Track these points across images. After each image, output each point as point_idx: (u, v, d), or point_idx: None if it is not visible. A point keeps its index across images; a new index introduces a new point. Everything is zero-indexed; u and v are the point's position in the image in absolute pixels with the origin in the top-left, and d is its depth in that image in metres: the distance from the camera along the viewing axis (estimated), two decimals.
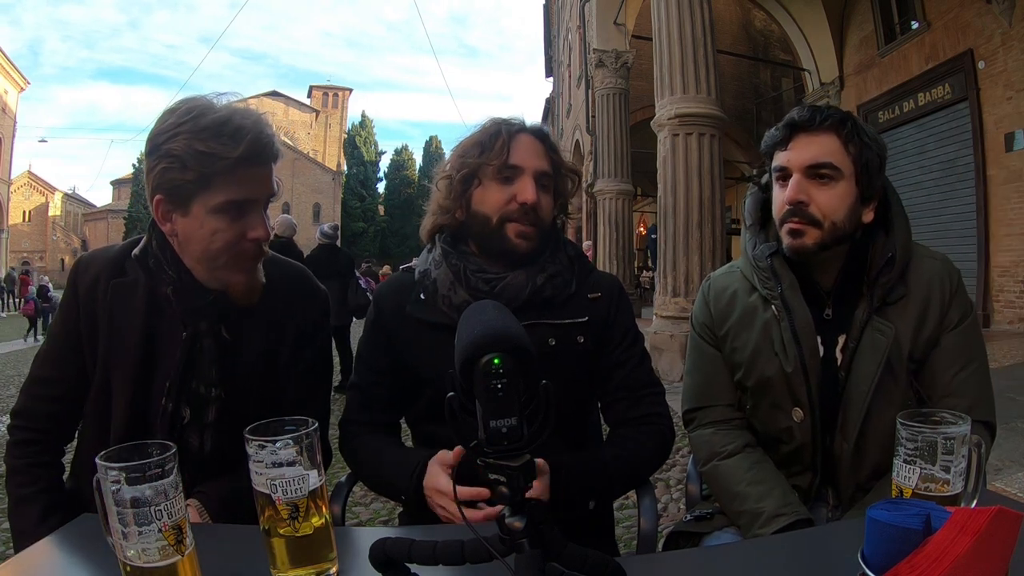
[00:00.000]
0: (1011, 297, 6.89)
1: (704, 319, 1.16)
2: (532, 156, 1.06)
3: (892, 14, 8.61)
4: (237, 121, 0.93)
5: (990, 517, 0.51)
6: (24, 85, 29.01)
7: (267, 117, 0.99)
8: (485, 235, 1.06)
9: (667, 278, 5.42)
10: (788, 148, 1.01)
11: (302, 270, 1.16)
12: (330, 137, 52.33)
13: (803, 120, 1.00)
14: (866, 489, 1.03)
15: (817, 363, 1.02)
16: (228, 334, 1.02)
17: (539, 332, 1.01)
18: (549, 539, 0.54)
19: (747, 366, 1.09)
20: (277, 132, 1.04)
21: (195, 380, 1.01)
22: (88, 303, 1.02)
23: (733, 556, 0.83)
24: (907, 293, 1.02)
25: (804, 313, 1.03)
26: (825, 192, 0.99)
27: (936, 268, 1.03)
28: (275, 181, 1.00)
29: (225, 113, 0.94)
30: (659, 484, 2.83)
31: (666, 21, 5.43)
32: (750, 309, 1.09)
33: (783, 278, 1.05)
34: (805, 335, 1.02)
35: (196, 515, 0.95)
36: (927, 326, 1.01)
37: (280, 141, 1.01)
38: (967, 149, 7.33)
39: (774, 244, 1.07)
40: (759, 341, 1.07)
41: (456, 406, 0.57)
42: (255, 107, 1.03)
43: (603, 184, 9.74)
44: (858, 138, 0.99)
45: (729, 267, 1.19)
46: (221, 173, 0.91)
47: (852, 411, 1.00)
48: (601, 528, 1.14)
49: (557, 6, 19.97)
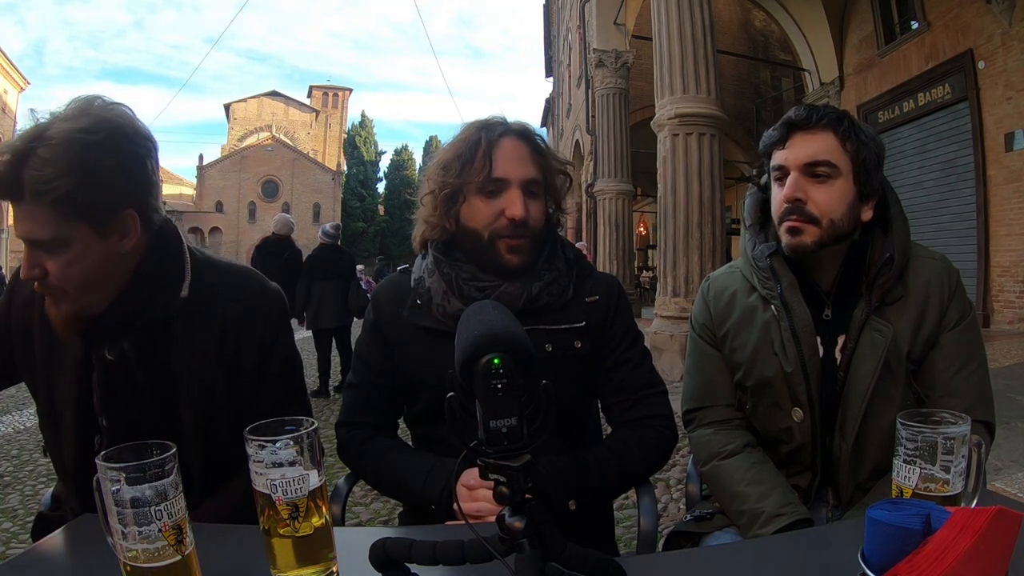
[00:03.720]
0: (1011, 297, 6.89)
1: (704, 319, 1.16)
2: (516, 164, 1.01)
3: (892, 14, 8.62)
4: (15, 137, 0.86)
5: (990, 517, 0.51)
6: (24, 85, 28.99)
7: (49, 137, 0.83)
8: (477, 250, 1.03)
9: (667, 278, 5.42)
10: (786, 147, 1.01)
11: (247, 272, 1.07)
12: (330, 137, 52.28)
13: (800, 119, 1.00)
14: (866, 489, 1.03)
15: (817, 363, 1.02)
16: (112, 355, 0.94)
17: (536, 338, 0.99)
18: (549, 539, 0.54)
19: (747, 366, 1.09)
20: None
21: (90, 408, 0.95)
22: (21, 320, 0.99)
23: (733, 556, 0.83)
24: (906, 293, 1.02)
25: (803, 313, 1.03)
26: (823, 190, 0.99)
27: (935, 268, 1.03)
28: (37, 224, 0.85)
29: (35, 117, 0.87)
30: (659, 484, 2.83)
31: (666, 21, 5.43)
32: (750, 309, 1.09)
33: (783, 278, 1.05)
34: (804, 335, 1.02)
35: None
36: (926, 326, 1.01)
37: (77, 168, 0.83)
38: (967, 149, 7.34)
39: (773, 244, 1.07)
40: (759, 341, 1.07)
41: (456, 406, 0.57)
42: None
43: (603, 184, 9.75)
44: (855, 136, 0.99)
45: (729, 267, 1.19)
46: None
47: (851, 411, 1.00)
48: (601, 528, 1.14)
49: (557, 6, 19.97)
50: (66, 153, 0.82)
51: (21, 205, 0.85)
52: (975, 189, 7.22)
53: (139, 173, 0.90)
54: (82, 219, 0.86)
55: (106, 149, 0.85)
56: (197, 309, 0.97)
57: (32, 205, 0.84)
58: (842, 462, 1.02)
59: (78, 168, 0.83)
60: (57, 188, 0.82)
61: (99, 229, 0.88)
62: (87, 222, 0.86)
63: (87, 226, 0.87)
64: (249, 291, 1.03)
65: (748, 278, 1.10)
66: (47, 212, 0.84)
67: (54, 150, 0.82)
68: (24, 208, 0.84)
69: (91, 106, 0.88)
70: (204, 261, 1.02)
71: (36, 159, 0.82)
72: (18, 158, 0.82)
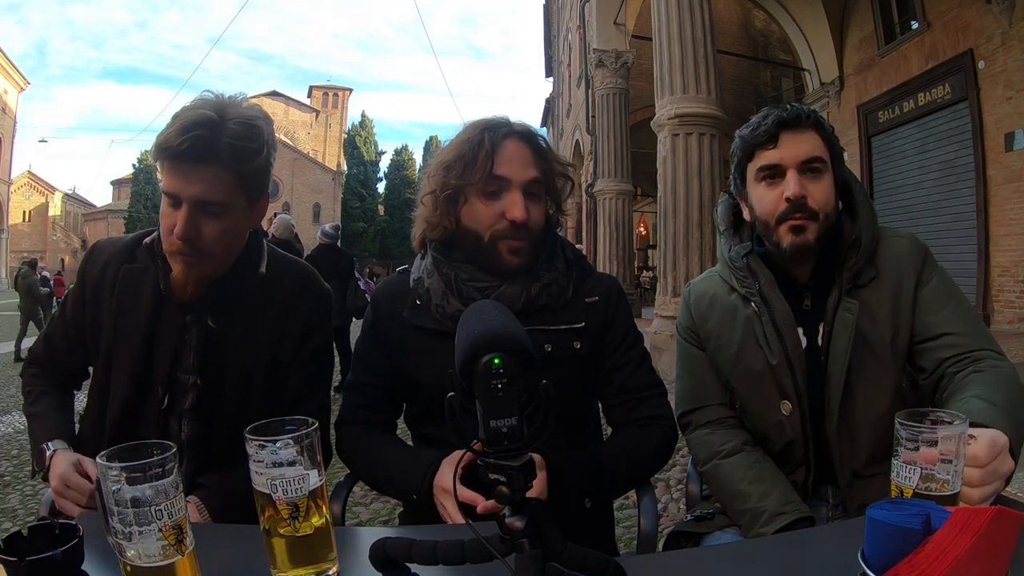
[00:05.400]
0: (1011, 297, 6.89)
1: (687, 323, 1.19)
2: (519, 166, 1.01)
3: (892, 14, 8.61)
4: (187, 116, 0.94)
5: (990, 517, 0.51)
6: (24, 85, 29.01)
7: (233, 113, 0.96)
8: (478, 251, 1.03)
9: (667, 278, 5.42)
10: (778, 146, 1.03)
11: (308, 270, 1.17)
12: (330, 137, 52.33)
13: (792, 118, 1.03)
14: (863, 476, 1.03)
15: (801, 354, 1.04)
16: (215, 324, 1.04)
17: (535, 339, 0.98)
18: (549, 539, 0.54)
19: (733, 363, 1.10)
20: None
21: (179, 368, 1.04)
22: (95, 288, 1.07)
23: (733, 556, 0.83)
24: (878, 274, 1.04)
25: (783, 306, 1.05)
26: (818, 185, 1.02)
27: (903, 245, 1.06)
28: (217, 186, 0.95)
29: (192, 107, 0.95)
30: (659, 484, 2.83)
31: (666, 21, 5.44)
32: (730, 308, 1.11)
33: (760, 275, 1.08)
34: (786, 327, 1.04)
35: (195, 512, 0.96)
36: (903, 298, 1.03)
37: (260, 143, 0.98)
38: (967, 149, 7.33)
39: (748, 245, 1.11)
40: (743, 337, 1.08)
41: (456, 406, 0.57)
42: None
43: (603, 184, 9.75)
44: (829, 132, 1.05)
45: (707, 273, 1.22)
46: (166, 161, 0.95)
47: (832, 390, 1.02)
48: (601, 528, 1.14)
49: (557, 6, 19.97)
50: (261, 132, 0.97)
51: (209, 167, 0.94)
52: (975, 189, 7.21)
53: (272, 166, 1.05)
54: (245, 191, 0.99)
55: (272, 135, 1.01)
56: (267, 286, 1.08)
57: (221, 169, 0.94)
58: (834, 448, 1.03)
59: (266, 147, 0.98)
60: (251, 158, 0.96)
61: (250, 203, 1.02)
62: (246, 194, 1.00)
63: (245, 198, 1.00)
64: (304, 280, 1.14)
65: (727, 280, 1.13)
66: (231, 177, 0.95)
67: (249, 127, 0.96)
68: (211, 170, 0.94)
69: (246, 100, 1.01)
70: (270, 248, 1.13)
71: (233, 128, 0.94)
72: (216, 126, 0.93)
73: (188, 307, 1.04)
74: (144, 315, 1.04)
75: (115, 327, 1.05)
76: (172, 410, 1.04)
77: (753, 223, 1.12)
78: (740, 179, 1.10)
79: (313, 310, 1.13)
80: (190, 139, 0.91)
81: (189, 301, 1.03)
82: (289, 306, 1.09)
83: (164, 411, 1.03)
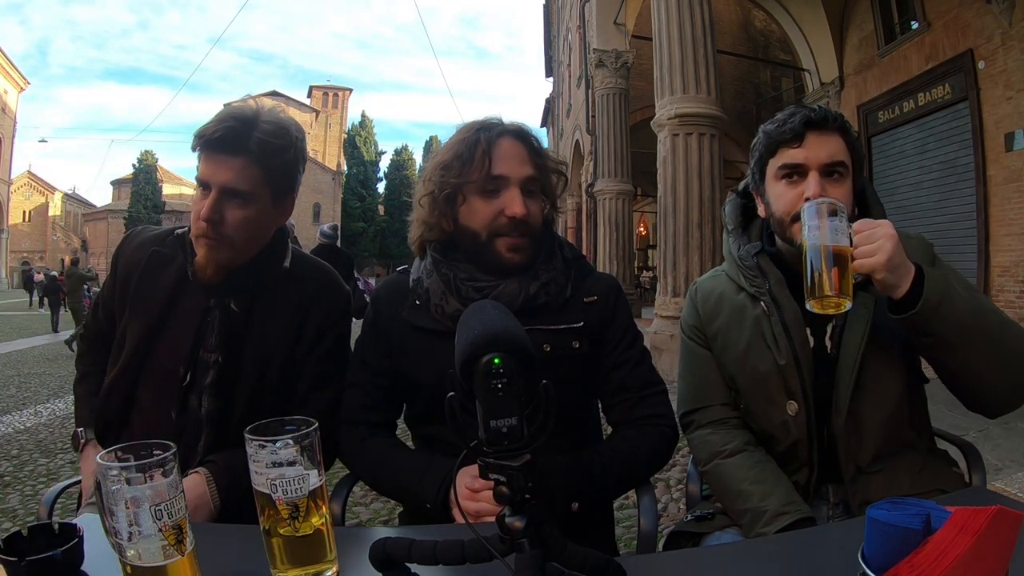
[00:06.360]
0: (1011, 297, 6.88)
1: (693, 321, 1.18)
2: (516, 163, 1.02)
3: (892, 14, 8.61)
4: (227, 111, 1.05)
5: (990, 517, 0.51)
6: (24, 85, 29.02)
7: (267, 115, 1.06)
8: (476, 249, 1.04)
9: (667, 278, 5.43)
10: (803, 146, 1.02)
11: (329, 270, 1.24)
12: (330, 137, 52.32)
13: (819, 119, 1.02)
14: (867, 472, 1.03)
15: (808, 354, 1.04)
16: (237, 308, 1.11)
17: (534, 338, 0.96)
18: (549, 539, 0.54)
19: (739, 362, 1.10)
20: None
21: (201, 347, 1.10)
22: (126, 267, 1.16)
23: (733, 556, 0.84)
24: None
25: (792, 306, 1.05)
26: (839, 189, 1.02)
27: (913, 245, 1.05)
28: (244, 177, 1.03)
29: (233, 104, 1.07)
30: (659, 484, 2.83)
31: (666, 21, 5.44)
32: (739, 307, 1.11)
33: (770, 275, 1.08)
34: (795, 327, 1.04)
35: (203, 482, 0.99)
36: None
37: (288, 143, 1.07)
38: (967, 149, 7.33)
39: (758, 244, 1.11)
40: (751, 337, 1.08)
41: (456, 406, 0.57)
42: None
43: (603, 184, 9.75)
44: (854, 137, 1.04)
45: (713, 272, 1.22)
46: (202, 151, 1.04)
47: (843, 382, 1.01)
48: (601, 528, 1.14)
49: (557, 6, 19.97)
50: (290, 134, 1.07)
51: (238, 158, 1.02)
52: (975, 189, 7.21)
53: (301, 174, 1.15)
54: (271, 187, 1.07)
55: (303, 144, 1.11)
56: (289, 281, 1.15)
57: (249, 160, 1.03)
58: (839, 442, 1.03)
59: (294, 149, 1.08)
60: (280, 155, 1.05)
61: (276, 200, 1.10)
62: (272, 191, 1.08)
63: (271, 194, 1.08)
64: (325, 279, 1.21)
65: (734, 279, 1.13)
66: (258, 170, 1.04)
67: (280, 128, 1.05)
68: (239, 160, 1.02)
69: (284, 111, 1.10)
70: (294, 248, 1.21)
71: (265, 126, 1.03)
72: (249, 121, 1.03)
73: (212, 290, 1.10)
74: (164, 293, 1.11)
75: (133, 300, 1.13)
76: (193, 387, 1.09)
77: (762, 222, 1.11)
78: (759, 174, 1.09)
79: (332, 309, 1.18)
80: (223, 128, 1.01)
81: (211, 284, 1.09)
82: (309, 302, 1.15)
83: (185, 388, 1.08)
